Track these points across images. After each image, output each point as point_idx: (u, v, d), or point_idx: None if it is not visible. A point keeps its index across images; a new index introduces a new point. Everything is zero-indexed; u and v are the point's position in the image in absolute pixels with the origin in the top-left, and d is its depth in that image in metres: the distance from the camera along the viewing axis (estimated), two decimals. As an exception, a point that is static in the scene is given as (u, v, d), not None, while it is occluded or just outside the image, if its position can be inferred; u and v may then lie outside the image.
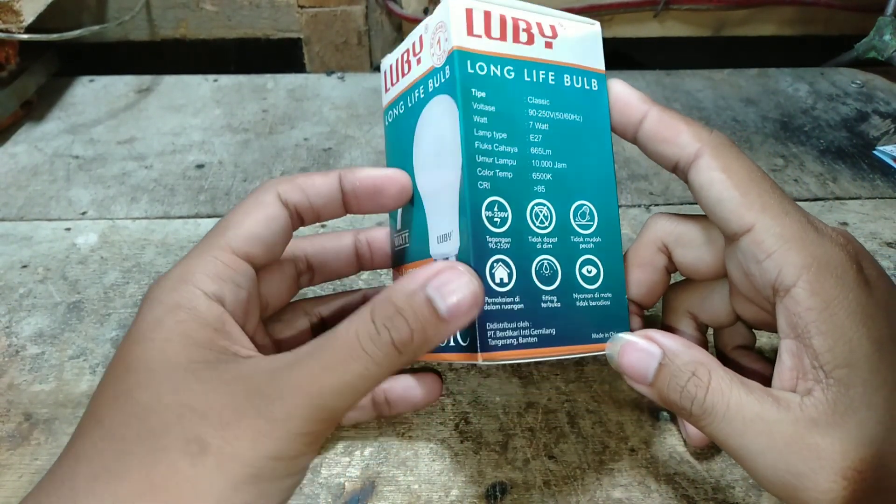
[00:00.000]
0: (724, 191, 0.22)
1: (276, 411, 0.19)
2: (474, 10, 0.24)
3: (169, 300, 0.22)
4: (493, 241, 0.23)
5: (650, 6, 0.68)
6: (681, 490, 0.29)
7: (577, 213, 0.25)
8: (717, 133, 0.24)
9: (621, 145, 0.53)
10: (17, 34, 0.48)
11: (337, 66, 0.67)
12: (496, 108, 0.24)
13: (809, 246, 0.21)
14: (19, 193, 0.47)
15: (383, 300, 0.20)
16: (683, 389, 0.22)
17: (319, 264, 0.29)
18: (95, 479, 0.19)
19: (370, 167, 0.26)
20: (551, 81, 0.25)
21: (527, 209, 0.24)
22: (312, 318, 0.29)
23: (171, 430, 0.19)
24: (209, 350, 0.21)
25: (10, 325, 0.36)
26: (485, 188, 0.23)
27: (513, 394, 0.33)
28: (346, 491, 0.29)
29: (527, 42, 0.25)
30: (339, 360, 0.19)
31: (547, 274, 0.24)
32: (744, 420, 0.20)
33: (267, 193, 0.24)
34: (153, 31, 0.66)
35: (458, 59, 0.23)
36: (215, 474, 0.18)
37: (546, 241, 0.24)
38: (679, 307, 0.26)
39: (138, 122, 0.55)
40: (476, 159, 0.23)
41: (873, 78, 0.64)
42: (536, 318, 0.23)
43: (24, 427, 0.31)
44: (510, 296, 0.23)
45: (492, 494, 0.29)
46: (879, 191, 0.49)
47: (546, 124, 0.25)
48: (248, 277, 0.23)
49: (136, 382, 0.20)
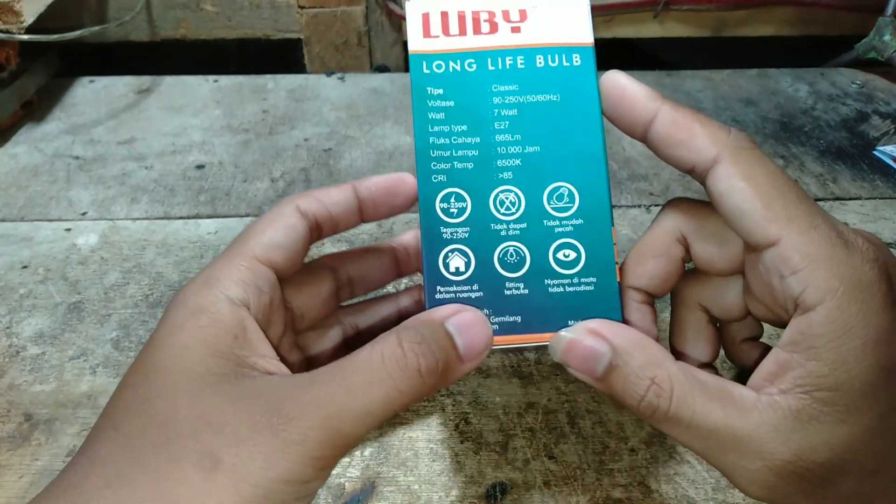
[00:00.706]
0: (746, 201, 0.20)
1: (292, 431, 0.19)
2: (430, 12, 0.25)
3: (192, 304, 0.22)
4: (447, 231, 0.24)
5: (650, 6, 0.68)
6: (681, 490, 0.29)
7: (553, 196, 0.24)
8: (737, 133, 0.22)
9: (621, 145, 0.53)
10: (18, 35, 0.48)
11: (337, 67, 0.67)
12: (456, 103, 0.25)
13: (838, 266, 0.19)
14: (20, 194, 0.47)
15: (410, 328, 0.20)
16: (643, 399, 0.21)
17: (360, 277, 0.29)
18: (107, 485, 0.19)
19: (379, 175, 0.27)
20: (520, 65, 0.25)
21: (490, 197, 0.24)
22: (347, 328, 0.29)
23: (186, 442, 0.19)
24: (227, 361, 0.21)
25: (10, 325, 0.36)
26: (440, 181, 0.24)
27: (513, 394, 0.33)
28: (346, 491, 0.29)
29: (489, 32, 0.25)
30: (361, 383, 0.19)
31: (512, 261, 0.24)
32: (708, 428, 0.20)
33: (286, 206, 0.25)
34: (153, 32, 0.66)
35: (413, 64, 0.25)
36: (225, 492, 0.18)
37: (512, 228, 0.24)
38: (690, 299, 0.26)
39: (138, 122, 0.55)
40: (430, 154, 0.24)
41: (873, 78, 0.64)
42: (498, 306, 0.23)
43: (24, 427, 0.31)
44: (466, 284, 0.23)
45: (492, 494, 0.29)
46: (879, 191, 0.49)
47: (514, 110, 0.25)
48: (270, 283, 0.24)
49: (153, 391, 0.20)
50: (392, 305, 0.30)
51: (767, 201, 0.20)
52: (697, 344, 0.26)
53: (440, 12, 0.25)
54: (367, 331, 0.29)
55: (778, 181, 0.21)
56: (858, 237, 0.20)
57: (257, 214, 0.45)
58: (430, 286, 0.23)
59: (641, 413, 0.21)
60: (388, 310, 0.30)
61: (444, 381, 0.21)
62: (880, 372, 0.19)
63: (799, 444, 0.19)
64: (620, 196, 0.48)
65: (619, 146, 0.53)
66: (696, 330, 0.26)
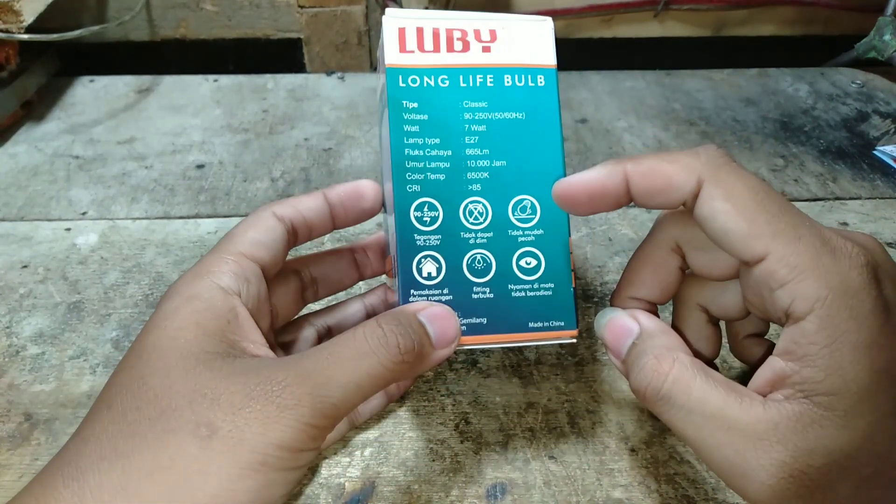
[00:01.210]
0: (729, 221, 0.21)
1: (286, 397, 0.20)
2: (407, 28, 0.26)
3: (186, 291, 0.23)
4: (421, 238, 0.25)
5: (650, 6, 0.68)
6: (681, 490, 0.29)
7: (517, 208, 0.26)
8: (708, 150, 0.22)
9: (621, 145, 0.53)
10: (18, 34, 0.48)
11: (337, 67, 0.67)
12: (430, 116, 0.26)
13: (825, 275, 0.19)
14: (19, 193, 0.47)
15: (388, 315, 0.22)
16: (641, 372, 0.22)
17: (322, 276, 0.30)
18: (102, 458, 0.19)
19: (344, 183, 0.28)
20: (490, 84, 0.27)
21: (460, 207, 0.26)
22: (319, 328, 0.30)
23: (181, 413, 0.19)
24: (220, 342, 0.22)
25: (10, 325, 0.36)
26: (414, 191, 0.25)
27: (513, 394, 0.33)
28: (346, 491, 0.29)
29: (462, 50, 0.27)
30: (348, 356, 0.21)
31: (479, 267, 0.25)
32: (703, 414, 0.20)
33: (263, 211, 0.26)
34: (153, 31, 0.66)
35: (390, 77, 0.26)
36: (223, 458, 0.19)
37: (480, 237, 0.26)
38: (689, 300, 0.26)
39: (138, 122, 0.55)
40: (405, 165, 0.25)
41: (873, 78, 0.64)
42: (466, 308, 0.25)
43: (24, 427, 0.31)
44: (438, 288, 0.25)
45: (492, 494, 0.29)
46: (879, 191, 0.49)
47: (483, 125, 0.26)
48: (257, 276, 0.25)
49: (148, 369, 0.21)
50: (359, 304, 0.32)
51: (751, 219, 0.21)
52: (697, 343, 0.26)
53: (416, 28, 0.26)
54: (338, 328, 0.31)
55: (759, 195, 0.21)
56: (847, 242, 0.20)
57: (257, 214, 0.45)
58: (405, 289, 0.25)
59: (638, 390, 0.22)
60: (355, 308, 0.31)
61: (420, 364, 0.22)
62: (874, 375, 0.19)
63: (797, 446, 0.19)
64: (620, 196, 0.48)
65: (618, 146, 0.53)
66: (696, 329, 0.26)
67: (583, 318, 0.37)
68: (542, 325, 0.26)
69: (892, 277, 0.21)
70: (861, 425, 0.19)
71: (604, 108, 0.58)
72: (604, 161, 0.23)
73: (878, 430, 0.19)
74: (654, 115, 0.58)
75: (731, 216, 0.21)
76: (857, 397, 0.19)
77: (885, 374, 0.19)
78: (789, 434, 0.19)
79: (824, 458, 0.19)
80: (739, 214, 0.21)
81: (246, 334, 0.23)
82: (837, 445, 0.19)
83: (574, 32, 0.71)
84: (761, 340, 0.27)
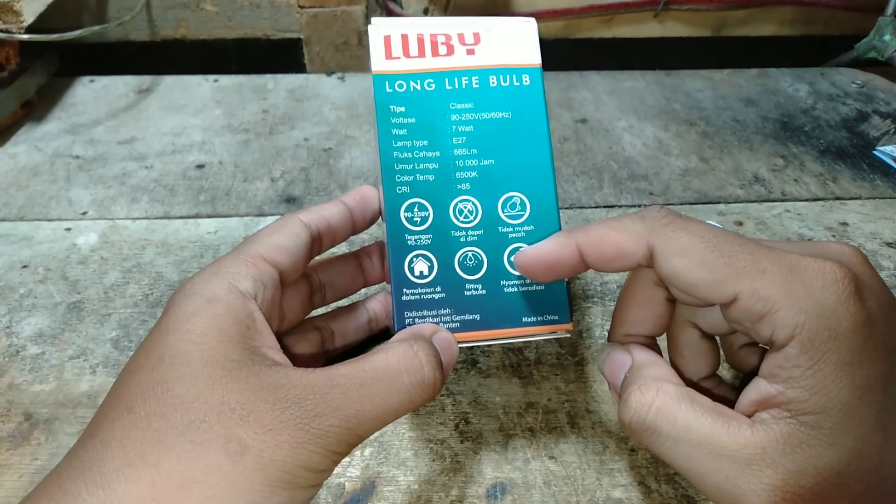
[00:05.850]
0: (691, 275, 0.21)
1: (316, 426, 0.20)
2: (392, 35, 0.27)
3: (205, 292, 0.23)
4: (412, 238, 0.26)
5: (650, 6, 0.68)
6: (681, 490, 0.29)
7: (507, 205, 0.26)
8: (650, 213, 0.23)
9: (621, 145, 0.53)
10: (18, 34, 0.48)
11: (337, 67, 0.67)
12: (417, 119, 0.26)
13: (798, 300, 0.20)
14: (19, 193, 0.47)
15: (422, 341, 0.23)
16: (625, 403, 0.22)
17: (330, 282, 0.31)
18: (128, 465, 0.19)
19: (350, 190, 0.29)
20: (475, 85, 0.27)
21: (450, 206, 0.26)
22: (324, 331, 0.30)
23: (210, 426, 0.20)
24: (243, 349, 0.22)
25: (10, 325, 0.36)
26: (404, 192, 0.26)
27: (513, 394, 0.33)
28: (346, 491, 0.29)
29: (446, 54, 0.27)
30: (380, 392, 0.21)
31: (471, 264, 0.26)
32: (690, 442, 0.21)
33: (290, 217, 0.27)
34: (153, 32, 0.66)
35: (377, 83, 0.26)
36: (255, 474, 0.19)
37: (471, 234, 0.26)
38: (680, 318, 0.26)
39: (138, 122, 0.55)
40: (395, 167, 0.26)
41: (873, 78, 0.64)
42: (459, 305, 0.26)
43: (24, 427, 0.31)
44: (430, 286, 0.26)
45: (492, 494, 0.29)
46: (879, 191, 0.49)
47: (470, 126, 0.27)
48: (274, 281, 0.25)
49: (171, 374, 0.21)
50: (362, 309, 0.32)
51: (710, 267, 0.21)
52: (694, 359, 0.26)
53: (401, 35, 0.27)
54: (341, 333, 0.31)
55: (710, 242, 0.21)
56: (817, 261, 0.20)
57: (257, 214, 0.45)
58: (398, 288, 0.25)
59: (623, 422, 0.23)
60: (359, 313, 0.32)
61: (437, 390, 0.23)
62: (856, 391, 0.19)
63: (787, 468, 0.19)
64: (620, 196, 0.48)
65: (618, 146, 0.53)
66: (691, 346, 0.26)
67: (582, 317, 0.37)
68: (536, 319, 0.26)
69: (872, 288, 0.21)
70: (848, 441, 0.19)
71: (604, 108, 0.59)
72: (560, 231, 0.25)
73: (864, 445, 0.19)
74: (654, 115, 0.58)
75: (690, 270, 0.21)
76: (842, 414, 0.19)
77: (867, 389, 0.20)
78: (778, 457, 0.19)
79: (815, 478, 0.19)
80: (698, 266, 0.21)
81: (264, 340, 0.23)
82: (826, 464, 0.19)
83: (574, 32, 0.71)
84: (756, 349, 0.27)
